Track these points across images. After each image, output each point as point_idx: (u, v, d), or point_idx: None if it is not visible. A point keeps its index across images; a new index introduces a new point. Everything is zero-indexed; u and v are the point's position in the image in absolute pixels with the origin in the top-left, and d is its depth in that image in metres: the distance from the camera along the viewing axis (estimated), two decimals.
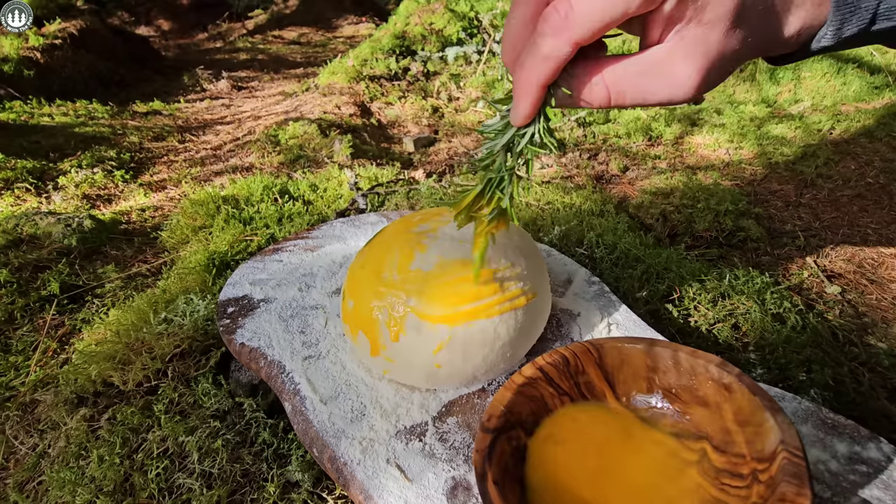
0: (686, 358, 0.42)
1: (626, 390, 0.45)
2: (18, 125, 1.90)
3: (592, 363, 0.45)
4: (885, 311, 0.80)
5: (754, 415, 0.38)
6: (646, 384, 0.45)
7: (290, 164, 1.46)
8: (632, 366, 0.45)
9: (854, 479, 0.41)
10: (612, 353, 0.45)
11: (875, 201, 1.17)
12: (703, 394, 0.42)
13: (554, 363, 0.44)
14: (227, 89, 2.71)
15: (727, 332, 0.67)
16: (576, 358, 0.44)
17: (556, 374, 0.44)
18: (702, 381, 0.42)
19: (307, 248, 0.75)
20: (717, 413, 0.41)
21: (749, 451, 0.38)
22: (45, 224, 1.05)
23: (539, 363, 0.44)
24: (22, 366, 0.74)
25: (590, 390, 0.45)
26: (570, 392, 0.45)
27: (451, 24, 2.54)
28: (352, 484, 0.43)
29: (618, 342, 0.45)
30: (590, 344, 0.45)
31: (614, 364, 0.45)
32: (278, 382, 0.52)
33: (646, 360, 0.44)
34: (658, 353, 0.43)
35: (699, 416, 0.42)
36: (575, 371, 0.45)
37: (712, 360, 0.41)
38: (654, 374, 0.44)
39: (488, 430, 0.39)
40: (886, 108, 1.70)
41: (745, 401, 0.39)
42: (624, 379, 0.45)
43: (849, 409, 0.58)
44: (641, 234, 0.95)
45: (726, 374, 0.40)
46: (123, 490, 0.50)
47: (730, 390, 0.40)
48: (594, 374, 0.45)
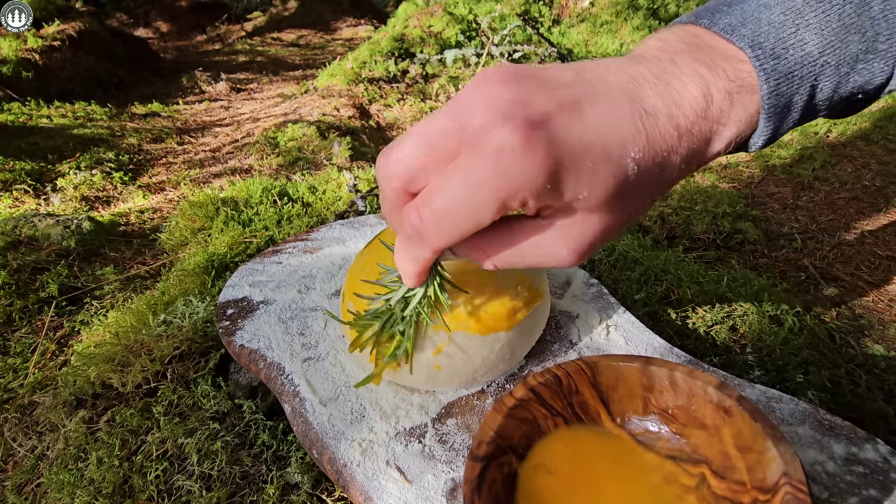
0: (683, 378, 0.41)
1: (621, 410, 0.44)
2: (17, 127, 1.90)
3: (586, 382, 0.43)
4: (882, 313, 0.80)
5: (756, 441, 0.36)
6: (641, 404, 0.43)
7: (289, 167, 1.47)
8: (627, 385, 0.43)
9: (851, 480, 0.41)
10: (606, 372, 0.43)
11: (871, 204, 1.18)
12: (701, 416, 0.40)
13: (546, 383, 0.42)
14: (225, 91, 2.72)
15: (725, 333, 0.67)
16: (569, 377, 0.43)
17: (548, 395, 0.42)
18: (700, 403, 0.40)
19: (306, 249, 0.75)
20: (716, 437, 0.39)
21: (750, 479, 0.36)
22: (43, 226, 1.05)
23: (531, 383, 0.42)
24: (20, 368, 0.74)
25: (584, 410, 0.44)
26: (563, 413, 0.43)
27: (449, 26, 2.55)
28: (351, 485, 0.43)
29: (612, 360, 0.43)
30: (583, 363, 0.43)
31: (609, 383, 0.43)
32: (278, 384, 0.53)
33: (641, 380, 0.42)
34: (654, 373, 0.42)
35: (698, 439, 0.41)
36: (568, 391, 0.43)
37: (711, 381, 0.39)
38: (650, 393, 0.43)
39: (478, 459, 0.37)
40: (883, 111, 1.71)
41: (745, 426, 0.37)
42: (619, 398, 0.44)
43: (846, 410, 0.58)
44: (640, 237, 0.95)
45: (726, 398, 0.38)
46: (122, 492, 0.50)
47: (729, 413, 0.38)
48: (588, 394, 0.43)
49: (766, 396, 0.49)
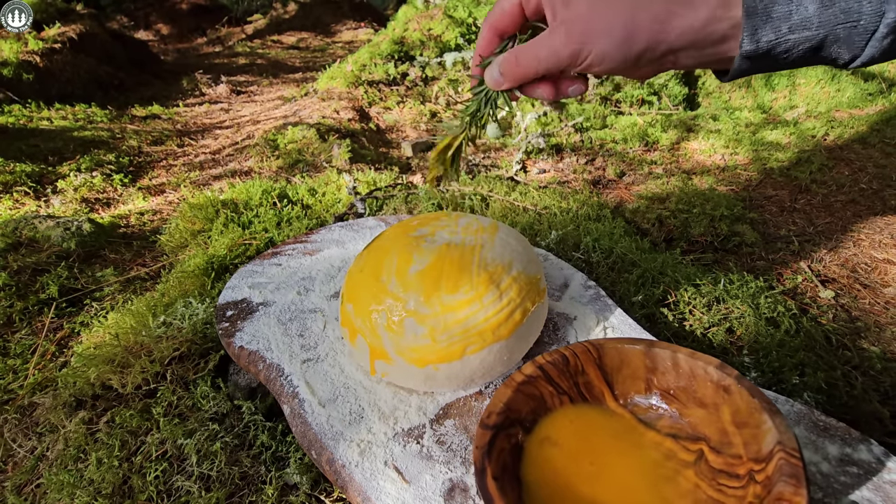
0: (685, 359, 0.43)
1: (624, 391, 0.46)
2: (17, 129, 1.91)
3: (592, 363, 0.45)
4: (878, 316, 0.80)
5: (752, 416, 0.38)
6: (644, 385, 0.45)
7: (288, 169, 1.47)
8: (631, 366, 0.45)
9: (845, 481, 0.41)
10: (611, 354, 0.45)
11: (868, 206, 1.18)
12: (701, 395, 0.42)
13: (554, 362, 0.44)
14: (226, 94, 2.72)
15: (722, 335, 0.68)
16: (576, 357, 0.45)
17: (555, 373, 0.44)
18: (700, 383, 0.42)
19: (306, 251, 0.75)
20: (714, 414, 0.41)
21: (746, 452, 0.38)
22: (44, 227, 1.05)
23: (539, 361, 0.44)
24: (20, 369, 0.74)
25: (589, 390, 0.46)
26: (569, 391, 0.45)
27: (449, 29, 2.56)
28: (350, 486, 0.44)
29: (618, 343, 0.45)
30: (590, 344, 0.45)
31: (613, 365, 0.45)
32: (277, 385, 0.53)
33: (645, 361, 0.44)
34: (657, 355, 0.44)
35: (697, 418, 0.42)
36: (574, 371, 0.45)
37: (711, 361, 0.42)
38: (653, 374, 0.44)
39: (488, 427, 0.39)
40: (879, 114, 1.72)
41: (743, 402, 0.39)
42: (623, 380, 0.45)
43: (842, 412, 0.59)
44: (637, 239, 0.96)
45: (725, 376, 0.40)
46: (122, 493, 0.51)
47: (728, 392, 0.40)
48: (593, 374, 0.45)
49: None
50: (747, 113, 1.88)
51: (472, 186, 1.19)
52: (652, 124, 1.73)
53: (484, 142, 1.69)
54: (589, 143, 1.64)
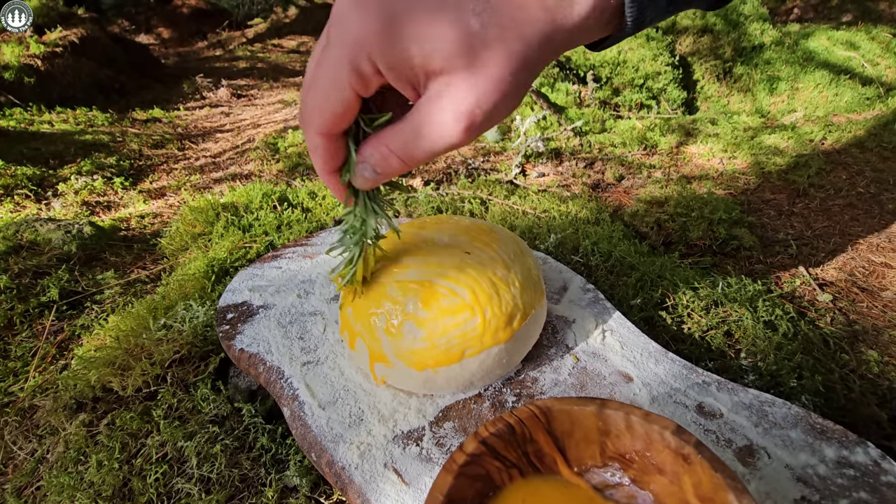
0: (639, 422, 0.39)
1: (578, 457, 0.42)
2: (18, 132, 1.91)
3: (541, 429, 0.41)
4: (876, 319, 0.81)
5: (717, 493, 0.34)
6: (599, 449, 0.41)
7: (289, 172, 1.48)
8: (583, 429, 0.41)
9: (842, 483, 0.41)
10: (560, 418, 0.41)
11: (866, 210, 1.19)
12: (659, 462, 0.39)
13: (499, 433, 0.40)
14: (226, 97, 2.73)
15: (720, 338, 0.68)
16: (522, 425, 0.40)
17: (501, 446, 0.40)
18: (657, 448, 0.39)
19: (306, 254, 0.76)
20: (676, 484, 0.38)
21: None
22: (44, 230, 1.06)
23: (482, 435, 0.39)
24: (21, 371, 0.74)
25: (540, 459, 0.42)
26: (518, 463, 0.41)
27: None
28: (349, 488, 0.44)
29: (567, 404, 0.41)
30: (536, 408, 0.41)
31: (564, 429, 0.41)
32: (277, 388, 0.53)
33: (597, 423, 0.41)
34: (609, 416, 0.40)
35: (658, 486, 0.39)
36: (522, 439, 0.41)
37: (668, 425, 0.38)
38: (607, 438, 0.41)
39: None
40: (877, 118, 1.72)
41: (705, 476, 0.35)
42: (575, 444, 0.42)
43: (839, 415, 0.59)
44: (636, 243, 0.96)
45: (684, 444, 0.37)
46: (122, 495, 0.51)
47: (688, 461, 0.37)
48: (543, 441, 0.41)
49: (759, 400, 0.50)
50: (746, 117, 1.89)
51: (471, 190, 1.19)
52: (651, 128, 1.73)
53: (483, 145, 1.69)
54: (588, 147, 1.64)
